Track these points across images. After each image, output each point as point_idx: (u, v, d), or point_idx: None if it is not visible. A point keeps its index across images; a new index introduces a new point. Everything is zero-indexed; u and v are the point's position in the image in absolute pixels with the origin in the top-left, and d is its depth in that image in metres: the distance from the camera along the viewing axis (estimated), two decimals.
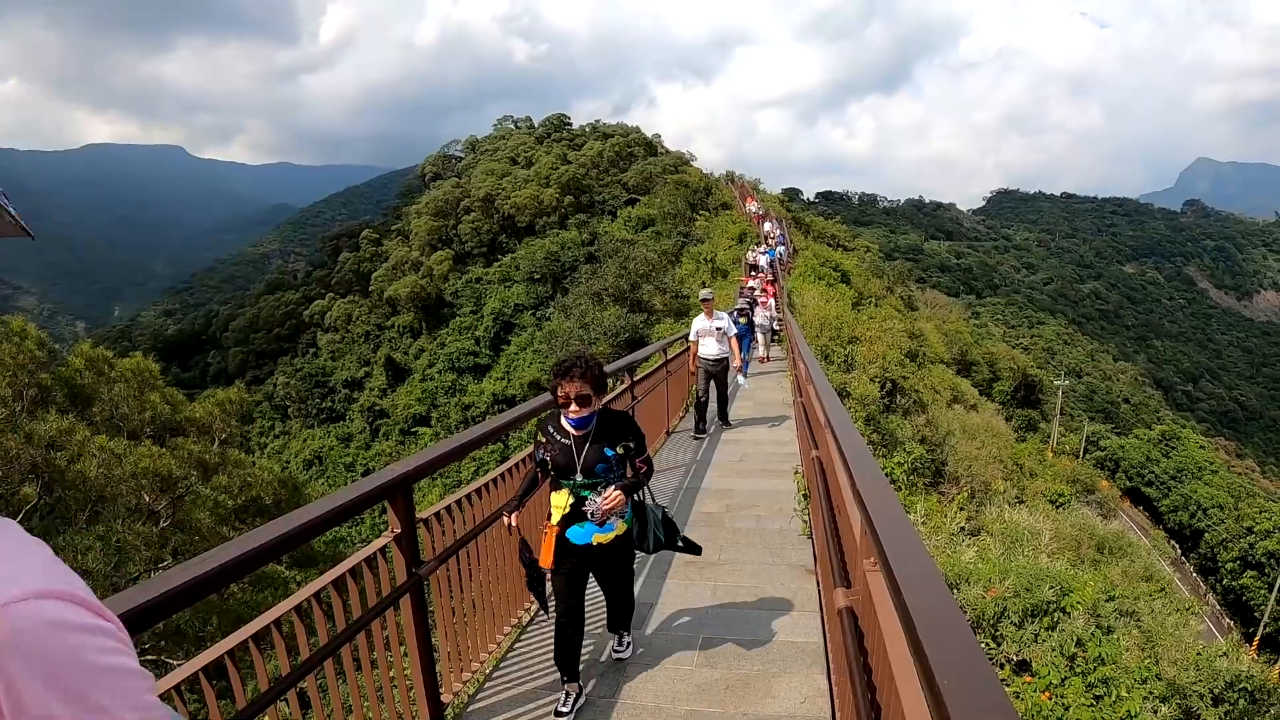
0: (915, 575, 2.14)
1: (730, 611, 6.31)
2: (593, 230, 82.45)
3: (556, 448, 4.81)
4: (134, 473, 12.67)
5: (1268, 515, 54.24)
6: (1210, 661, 10.08)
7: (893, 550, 2.37)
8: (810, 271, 35.36)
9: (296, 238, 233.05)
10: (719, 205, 68.66)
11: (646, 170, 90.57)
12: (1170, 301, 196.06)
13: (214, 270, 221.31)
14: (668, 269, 50.57)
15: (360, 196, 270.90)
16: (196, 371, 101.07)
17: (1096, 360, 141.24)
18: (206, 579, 2.83)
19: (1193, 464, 66.17)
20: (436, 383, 75.60)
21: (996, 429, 33.91)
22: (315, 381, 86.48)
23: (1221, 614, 52.04)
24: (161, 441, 14.73)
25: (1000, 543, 12.22)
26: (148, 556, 11.95)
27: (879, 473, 3.42)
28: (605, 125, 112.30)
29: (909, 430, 18.64)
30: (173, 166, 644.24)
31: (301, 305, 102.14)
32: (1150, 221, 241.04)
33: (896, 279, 69.34)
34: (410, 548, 4.42)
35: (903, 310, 46.61)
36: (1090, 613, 8.26)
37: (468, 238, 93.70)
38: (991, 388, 63.82)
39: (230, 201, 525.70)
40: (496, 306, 79.12)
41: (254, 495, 14.83)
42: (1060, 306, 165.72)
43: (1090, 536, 24.12)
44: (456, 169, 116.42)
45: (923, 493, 14.91)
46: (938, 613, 1.89)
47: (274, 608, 3.58)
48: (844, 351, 20.64)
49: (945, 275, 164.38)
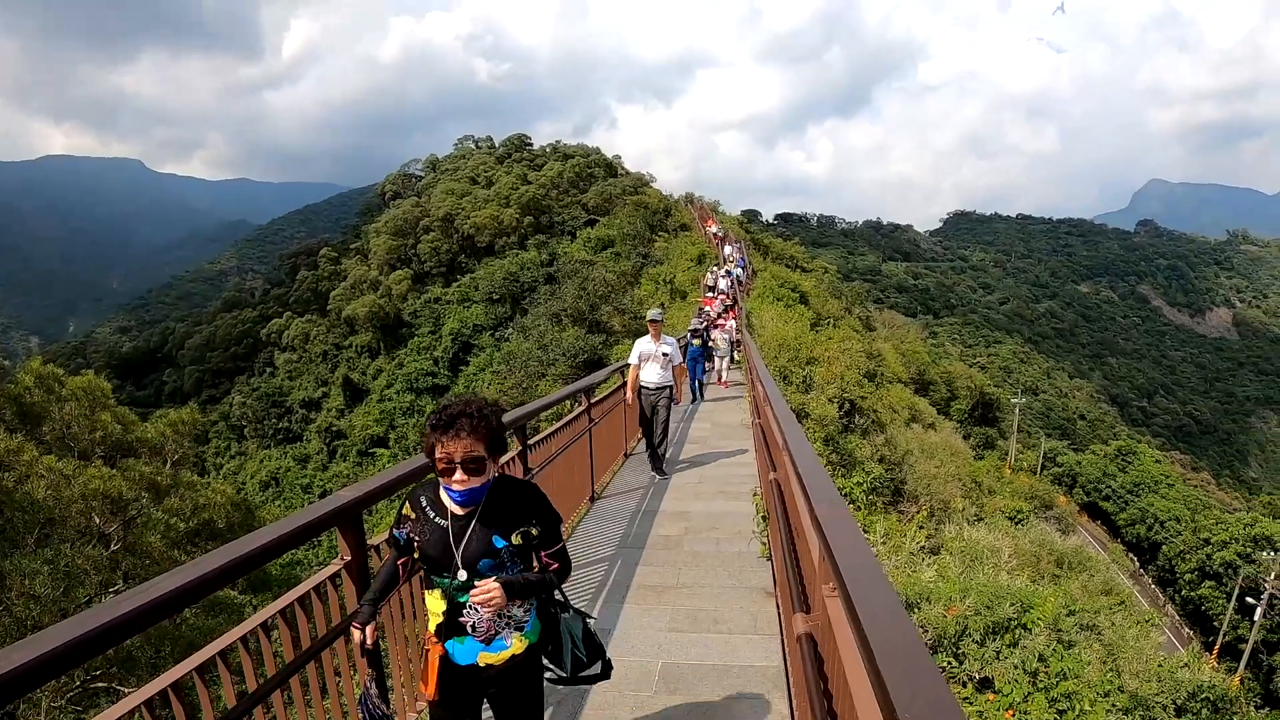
0: (874, 603, 2.10)
1: (689, 637, 6.22)
2: (552, 251, 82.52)
3: (428, 530, 3.30)
4: (84, 494, 12.43)
5: (1224, 526, 55.11)
6: (1172, 673, 10.15)
7: (851, 577, 2.32)
8: (769, 293, 35.46)
9: (255, 255, 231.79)
10: (678, 226, 68.88)
11: (606, 191, 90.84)
12: (1124, 319, 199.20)
13: (171, 287, 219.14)
14: (627, 290, 50.56)
15: (319, 214, 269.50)
16: (152, 390, 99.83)
17: (1053, 378, 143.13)
18: (155, 606, 2.74)
19: (1149, 478, 67.11)
20: (395, 403, 75.08)
21: (955, 447, 34.13)
22: (272, 401, 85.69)
23: (1181, 624, 52.82)
24: (112, 462, 14.49)
25: (960, 561, 12.24)
26: (98, 581, 11.71)
27: (837, 497, 3.37)
28: (566, 146, 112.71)
29: (868, 450, 18.67)
30: (130, 180, 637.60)
31: (259, 324, 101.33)
32: (1104, 241, 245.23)
33: (854, 300, 69.82)
34: (361, 575, 4.31)
35: (861, 331, 46.83)
36: (1051, 628, 8.26)
37: (427, 257, 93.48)
38: (949, 406, 64.30)
39: (188, 217, 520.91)
40: (455, 327, 78.82)
41: (206, 518, 14.58)
42: (1016, 326, 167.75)
43: (1049, 552, 24.32)
44: (416, 188, 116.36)
45: (882, 512, 14.92)
46: (897, 642, 1.85)
47: (220, 637, 3.47)
48: (802, 372, 20.65)
49: (903, 296, 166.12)
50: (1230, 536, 53.07)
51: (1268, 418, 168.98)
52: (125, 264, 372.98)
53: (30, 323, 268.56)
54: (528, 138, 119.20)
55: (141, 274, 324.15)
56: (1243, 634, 46.95)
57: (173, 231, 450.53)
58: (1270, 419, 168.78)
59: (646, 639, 6.22)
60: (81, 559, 11.70)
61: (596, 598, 7.06)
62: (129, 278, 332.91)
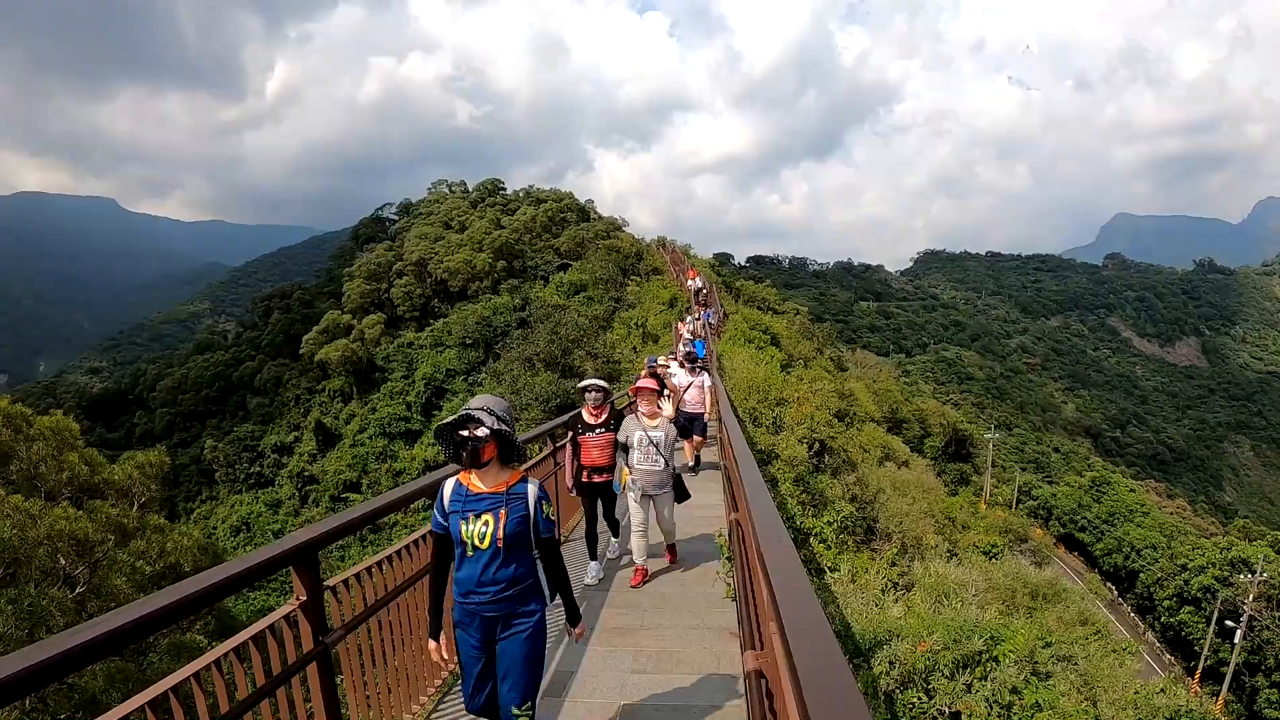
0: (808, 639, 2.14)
1: (652, 678, 6.23)
2: (525, 295, 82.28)
3: None
4: (50, 535, 12.30)
5: (1200, 551, 55.49)
6: (1149, 699, 10.16)
7: (788, 613, 2.37)
8: (740, 335, 35.56)
9: (228, 298, 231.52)
10: (650, 270, 69.03)
11: (579, 235, 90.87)
12: (1095, 352, 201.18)
13: (143, 328, 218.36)
14: (599, 334, 50.53)
15: (293, 257, 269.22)
16: (122, 432, 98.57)
17: (1025, 412, 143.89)
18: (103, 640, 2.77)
19: (1124, 507, 67.54)
20: (367, 448, 74.46)
21: (928, 484, 34.15)
22: (244, 445, 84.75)
23: (1162, 650, 53.03)
24: (79, 503, 14.35)
25: (929, 596, 12.25)
26: (64, 623, 11.57)
27: (785, 536, 3.42)
28: (539, 190, 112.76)
29: (839, 489, 18.69)
30: (104, 219, 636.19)
31: (231, 367, 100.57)
32: (1073, 276, 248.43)
33: (826, 340, 70.09)
34: (316, 616, 4.31)
35: (833, 371, 46.96)
36: (1026, 660, 8.28)
37: (400, 302, 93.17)
38: (923, 444, 64.52)
39: (162, 258, 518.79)
40: (428, 371, 78.41)
41: (173, 562, 14.43)
42: (988, 362, 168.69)
43: (1024, 585, 24.31)
44: (390, 232, 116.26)
45: (853, 550, 14.93)
46: (828, 676, 1.89)
47: (171, 675, 3.47)
48: (773, 413, 20.69)
49: (875, 335, 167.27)
50: (1207, 561, 53.40)
51: (1240, 442, 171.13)
52: (97, 304, 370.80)
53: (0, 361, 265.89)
54: (501, 182, 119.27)
55: (113, 314, 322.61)
56: (1224, 657, 47.15)
57: (146, 272, 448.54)
58: (1243, 444, 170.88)
59: (609, 680, 6.23)
60: (46, 600, 11.57)
61: (560, 641, 7.02)
62: (101, 318, 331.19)
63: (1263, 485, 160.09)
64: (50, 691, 10.58)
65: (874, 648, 8.11)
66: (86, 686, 10.95)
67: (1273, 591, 47.15)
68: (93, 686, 10.98)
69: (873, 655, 7.93)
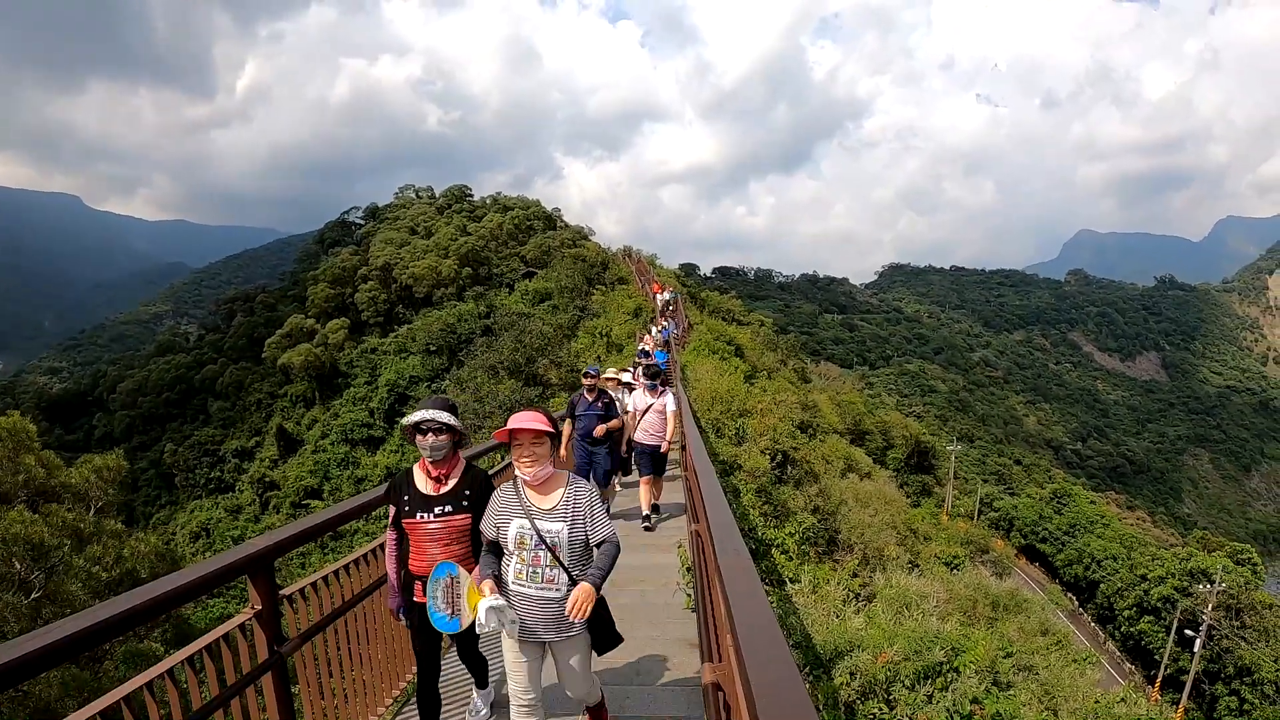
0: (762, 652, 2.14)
1: (611, 689, 6.16)
2: (490, 303, 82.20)
3: None
4: (4, 538, 12.14)
5: (1160, 562, 56.13)
6: (1109, 708, 10.24)
7: (743, 625, 2.37)
8: (704, 346, 35.55)
9: (191, 299, 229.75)
10: (615, 280, 69.02)
11: (545, 244, 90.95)
12: (1057, 366, 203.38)
13: (104, 328, 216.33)
14: (564, 343, 50.47)
15: (258, 260, 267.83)
16: (81, 434, 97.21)
17: (987, 424, 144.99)
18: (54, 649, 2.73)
19: (1085, 518, 68.12)
20: (329, 454, 73.97)
21: (890, 496, 34.28)
22: (204, 450, 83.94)
23: (1122, 659, 53.50)
24: (35, 507, 14.15)
25: (890, 607, 12.28)
26: (19, 630, 11.39)
27: (741, 547, 3.43)
28: (506, 198, 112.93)
29: (801, 500, 18.69)
30: (68, 217, 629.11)
31: (193, 369, 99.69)
32: (1036, 291, 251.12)
33: (790, 352, 70.27)
34: (272, 625, 4.28)
35: (796, 383, 47.03)
36: (987, 670, 8.32)
37: (364, 307, 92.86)
38: (885, 455, 64.81)
39: (125, 257, 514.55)
40: (391, 378, 78.07)
41: (130, 568, 14.25)
42: (951, 375, 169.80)
43: (985, 596, 24.46)
44: (356, 236, 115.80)
45: (814, 561, 14.95)
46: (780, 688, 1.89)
47: (124, 684, 3.42)
48: (735, 424, 20.68)
49: (839, 348, 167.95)
50: (1167, 571, 53.99)
51: (1199, 455, 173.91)
52: (59, 303, 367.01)
53: None
54: (468, 189, 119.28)
55: (76, 313, 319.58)
56: (1184, 666, 47.64)
57: (109, 271, 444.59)
58: (1202, 456, 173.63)
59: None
60: (1, 605, 11.41)
61: None
62: (62, 317, 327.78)
63: (1221, 497, 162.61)
64: (4, 700, 10.43)
65: (835, 658, 8.12)
66: (41, 695, 10.80)
67: (1231, 601, 47.89)
68: (48, 695, 10.84)
69: (833, 666, 7.94)
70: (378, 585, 5.63)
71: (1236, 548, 62.50)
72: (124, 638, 13.04)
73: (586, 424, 11.75)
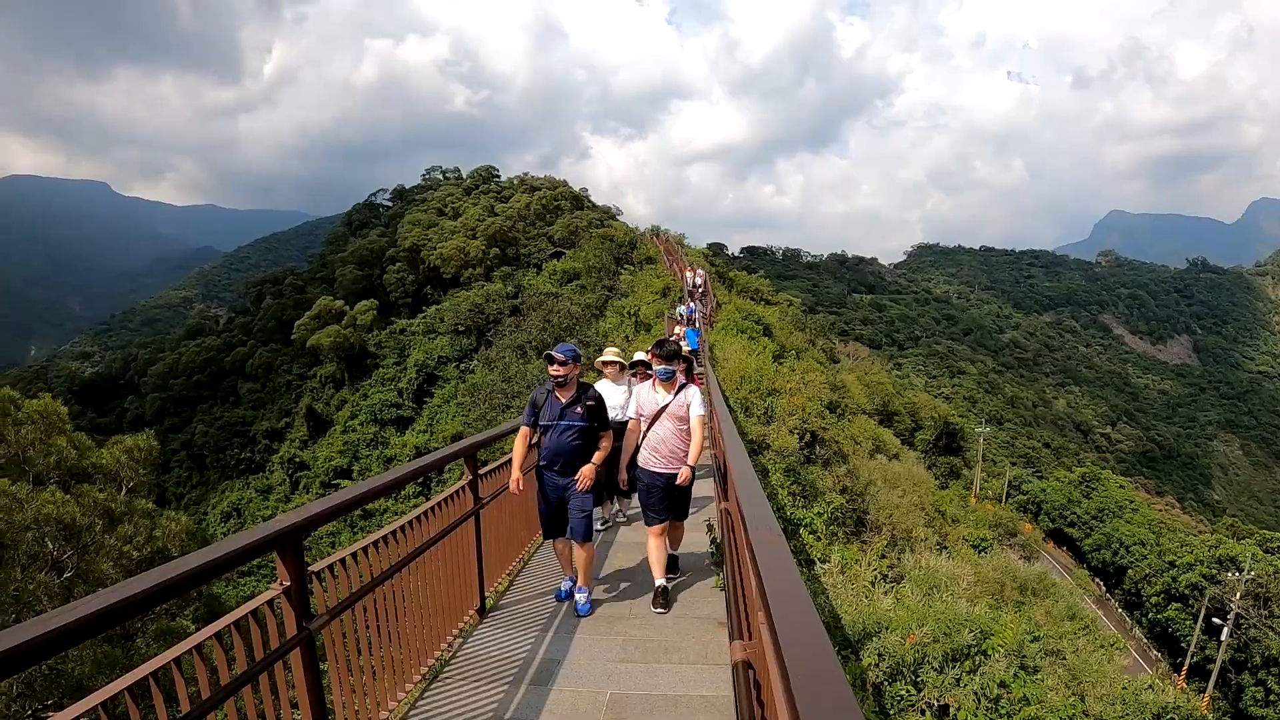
0: (795, 627, 2.11)
1: (640, 667, 6.18)
2: (517, 283, 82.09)
3: None
4: (37, 519, 12.23)
5: (1188, 549, 55.70)
6: (1136, 695, 10.16)
7: (777, 603, 2.33)
8: (732, 325, 35.44)
9: (220, 283, 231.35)
10: (643, 259, 68.85)
11: (573, 224, 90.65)
12: (1087, 348, 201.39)
13: (134, 313, 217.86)
14: (592, 322, 50.35)
15: (286, 243, 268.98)
16: (113, 417, 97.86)
17: (1016, 407, 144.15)
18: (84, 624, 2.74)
19: (1113, 503, 67.68)
20: (359, 434, 74.30)
21: (918, 477, 34.07)
22: (235, 431, 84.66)
23: (1149, 647, 53.10)
24: (67, 488, 14.26)
25: (919, 589, 12.21)
26: (51, 608, 11.48)
27: (774, 524, 3.38)
28: (533, 178, 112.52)
29: (829, 481, 18.61)
30: (96, 203, 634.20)
31: (222, 352, 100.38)
32: (1066, 272, 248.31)
33: (819, 332, 69.95)
34: (301, 601, 4.26)
35: (825, 363, 46.86)
36: (1015, 654, 8.26)
37: (393, 288, 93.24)
38: (914, 437, 64.45)
39: (154, 242, 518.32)
40: (420, 358, 78.27)
41: (160, 547, 14.35)
42: (980, 356, 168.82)
43: (1013, 579, 24.30)
44: (384, 218, 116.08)
45: (843, 542, 14.89)
46: (815, 667, 1.85)
47: (152, 659, 3.41)
48: (764, 404, 20.59)
49: (867, 328, 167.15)
50: (1195, 559, 53.59)
51: (1230, 441, 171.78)
52: (88, 289, 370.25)
53: None
54: (495, 170, 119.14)
55: (105, 299, 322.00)
56: (1210, 654, 47.31)
57: (138, 257, 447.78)
58: (1232, 442, 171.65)
59: (596, 669, 6.19)
60: (33, 585, 11.52)
61: (549, 626, 7.01)
62: (92, 302, 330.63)
63: (1251, 484, 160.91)
64: (39, 677, 10.54)
65: (863, 639, 8.09)
66: (74, 672, 10.90)
67: (1259, 589, 47.38)
68: (80, 672, 10.94)
69: (862, 647, 7.91)
70: (407, 561, 5.63)
71: (1266, 535, 62.05)
72: (154, 615, 13.15)
73: (558, 442, 7.45)
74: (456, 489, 6.98)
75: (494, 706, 5.60)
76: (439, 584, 6.36)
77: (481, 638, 6.75)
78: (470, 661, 6.25)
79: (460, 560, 6.92)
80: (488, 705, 5.57)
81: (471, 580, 7.25)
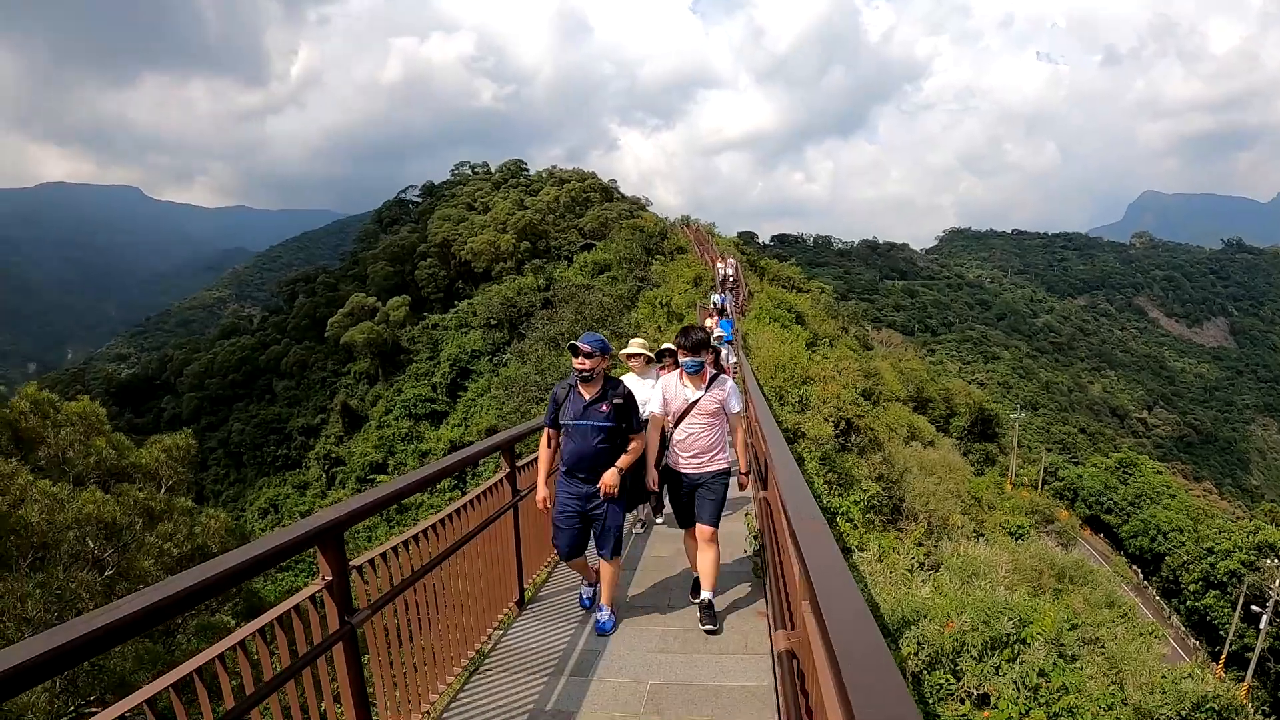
0: (844, 617, 2.10)
1: (679, 658, 6.17)
2: (549, 275, 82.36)
3: None
4: (78, 519, 12.38)
5: (1227, 535, 55.08)
6: (1175, 683, 10.05)
7: (823, 591, 2.31)
8: (765, 314, 35.34)
9: (253, 283, 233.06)
10: (674, 249, 68.79)
11: (603, 215, 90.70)
12: (1122, 331, 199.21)
13: (169, 314, 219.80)
14: (623, 313, 50.42)
15: (317, 241, 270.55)
16: (150, 417, 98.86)
17: (1051, 392, 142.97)
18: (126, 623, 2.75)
19: (1150, 489, 67.03)
20: (393, 430, 74.79)
21: (954, 464, 33.97)
22: (271, 428, 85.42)
23: (1187, 635, 52.55)
24: (107, 487, 14.42)
25: (957, 576, 12.14)
26: (93, 606, 11.61)
27: (817, 513, 3.36)
28: (561, 171, 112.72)
29: (865, 468, 18.55)
30: (129, 208, 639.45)
31: (257, 350, 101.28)
32: (1100, 254, 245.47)
33: (851, 319, 69.69)
34: (342, 595, 4.28)
35: (858, 350, 46.64)
36: (1053, 642, 8.20)
37: (424, 283, 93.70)
38: (948, 423, 64.06)
39: (186, 245, 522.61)
40: (453, 353, 78.64)
41: (200, 544, 14.49)
42: (1014, 341, 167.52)
43: (1050, 566, 24.13)
44: (414, 214, 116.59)
45: (879, 530, 14.84)
46: (864, 655, 1.84)
47: (196, 656, 3.43)
48: (798, 392, 20.53)
49: (900, 314, 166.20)
50: (1234, 545, 52.99)
51: (1268, 425, 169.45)
52: (122, 292, 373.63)
53: (27, 350, 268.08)
54: (524, 163, 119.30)
55: (139, 302, 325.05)
56: (1249, 643, 46.73)
57: (171, 259, 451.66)
58: (1271, 426, 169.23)
59: (636, 659, 6.19)
60: (75, 583, 11.66)
61: (587, 618, 7.01)
62: (127, 306, 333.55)
63: None
64: (81, 674, 10.67)
65: (901, 628, 8.05)
66: (116, 669, 11.03)
67: None
68: (122, 669, 11.07)
69: (900, 635, 7.87)
70: (447, 555, 5.64)
71: None
72: (196, 611, 13.29)
73: (580, 444, 6.62)
74: (495, 481, 6.85)
75: (535, 698, 5.61)
76: (478, 577, 6.38)
77: (521, 630, 6.78)
78: (510, 653, 6.27)
79: (499, 553, 6.90)
80: (529, 696, 5.58)
81: (510, 573, 7.23)
